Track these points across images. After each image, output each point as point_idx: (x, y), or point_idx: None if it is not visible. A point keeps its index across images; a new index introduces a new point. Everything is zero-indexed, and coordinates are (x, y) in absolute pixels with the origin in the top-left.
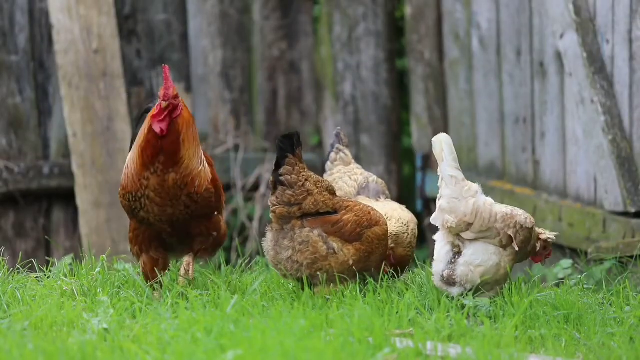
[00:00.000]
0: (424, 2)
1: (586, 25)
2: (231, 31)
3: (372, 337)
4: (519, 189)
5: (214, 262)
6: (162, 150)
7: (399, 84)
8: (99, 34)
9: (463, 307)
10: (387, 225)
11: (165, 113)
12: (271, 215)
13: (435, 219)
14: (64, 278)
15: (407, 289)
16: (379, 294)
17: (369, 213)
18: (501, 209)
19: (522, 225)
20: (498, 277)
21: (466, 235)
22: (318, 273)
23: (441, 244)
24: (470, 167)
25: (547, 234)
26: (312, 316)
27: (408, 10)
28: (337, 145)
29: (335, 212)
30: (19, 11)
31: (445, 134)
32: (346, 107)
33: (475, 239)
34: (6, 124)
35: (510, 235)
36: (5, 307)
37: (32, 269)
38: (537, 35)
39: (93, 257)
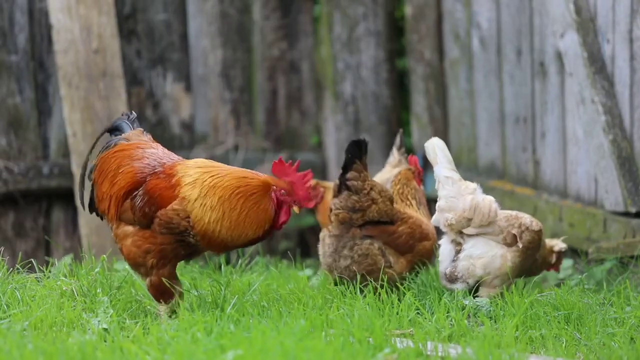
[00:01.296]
0: (424, 1)
1: (587, 25)
2: (231, 31)
3: (372, 337)
4: (519, 189)
5: (214, 262)
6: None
7: (399, 84)
8: (99, 34)
9: (463, 307)
10: (435, 237)
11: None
12: (332, 217)
13: (435, 220)
14: (63, 278)
15: (407, 289)
16: (379, 294)
17: (421, 226)
18: (506, 212)
19: (527, 227)
20: (505, 270)
21: (468, 230)
22: (371, 280)
23: (445, 245)
24: (471, 167)
25: (559, 245)
26: (312, 316)
27: (408, 10)
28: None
29: (392, 222)
30: (18, 11)
31: (437, 137)
32: (346, 107)
33: (477, 235)
34: (6, 124)
35: (514, 234)
36: (5, 307)
37: (31, 269)
38: (538, 35)
39: (93, 257)
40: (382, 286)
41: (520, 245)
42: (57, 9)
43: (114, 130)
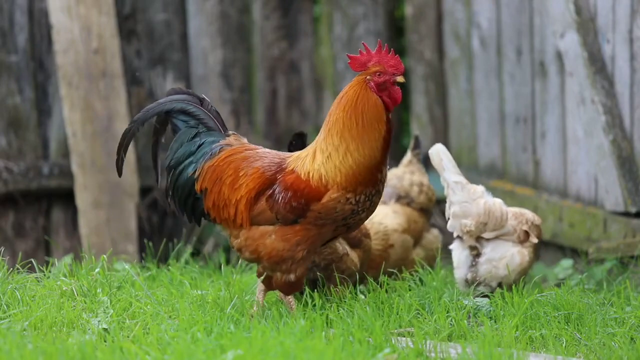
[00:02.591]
0: (424, 1)
1: (587, 25)
2: (231, 31)
3: (372, 337)
4: (519, 189)
5: (214, 262)
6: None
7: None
8: (98, 34)
9: (463, 307)
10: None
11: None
12: None
13: (451, 227)
14: (63, 278)
15: (407, 289)
16: (379, 294)
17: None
18: (511, 209)
19: (532, 222)
20: (525, 266)
21: (486, 235)
22: (334, 273)
23: (459, 250)
24: (471, 167)
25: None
26: (312, 316)
27: (408, 9)
28: None
29: None
30: (18, 11)
31: (440, 143)
32: None
33: (494, 238)
34: (6, 124)
35: (525, 231)
36: (5, 307)
37: (31, 269)
38: (538, 34)
39: (93, 257)
40: (342, 279)
41: (536, 240)
42: (57, 9)
43: (177, 112)
